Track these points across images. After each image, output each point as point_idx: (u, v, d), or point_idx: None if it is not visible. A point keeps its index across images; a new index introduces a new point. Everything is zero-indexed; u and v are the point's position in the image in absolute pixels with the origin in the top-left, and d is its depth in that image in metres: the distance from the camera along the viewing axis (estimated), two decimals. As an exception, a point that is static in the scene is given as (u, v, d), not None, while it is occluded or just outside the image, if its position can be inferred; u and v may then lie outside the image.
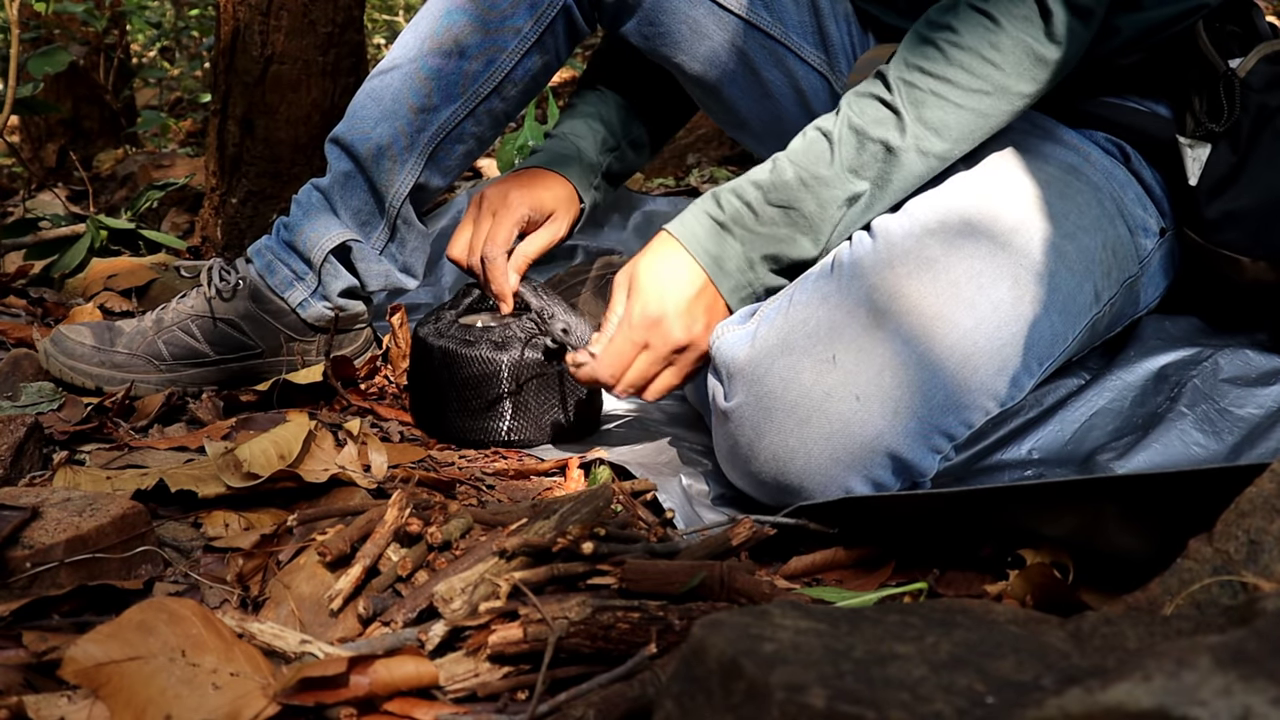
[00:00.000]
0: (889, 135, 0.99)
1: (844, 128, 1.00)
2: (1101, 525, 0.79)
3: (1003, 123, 1.01)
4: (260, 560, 0.86)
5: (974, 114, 0.99)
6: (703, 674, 0.45)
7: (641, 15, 1.25)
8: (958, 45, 0.98)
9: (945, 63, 0.98)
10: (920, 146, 0.99)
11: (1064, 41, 0.97)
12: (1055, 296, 0.99)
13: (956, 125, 0.99)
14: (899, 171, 1.00)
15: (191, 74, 5.07)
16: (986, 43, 0.97)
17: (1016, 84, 0.98)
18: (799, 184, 1.00)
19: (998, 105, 0.99)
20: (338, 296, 1.36)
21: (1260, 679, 0.34)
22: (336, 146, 1.34)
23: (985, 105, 0.98)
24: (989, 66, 0.97)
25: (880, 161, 1.00)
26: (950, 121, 0.99)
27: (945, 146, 1.00)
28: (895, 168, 1.00)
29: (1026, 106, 1.01)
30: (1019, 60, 0.97)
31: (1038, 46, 0.97)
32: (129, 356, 1.32)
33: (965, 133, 1.00)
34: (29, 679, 0.67)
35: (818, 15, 1.24)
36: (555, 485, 1.09)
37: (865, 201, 1.01)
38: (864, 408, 0.94)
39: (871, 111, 0.99)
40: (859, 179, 1.00)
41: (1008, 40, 0.97)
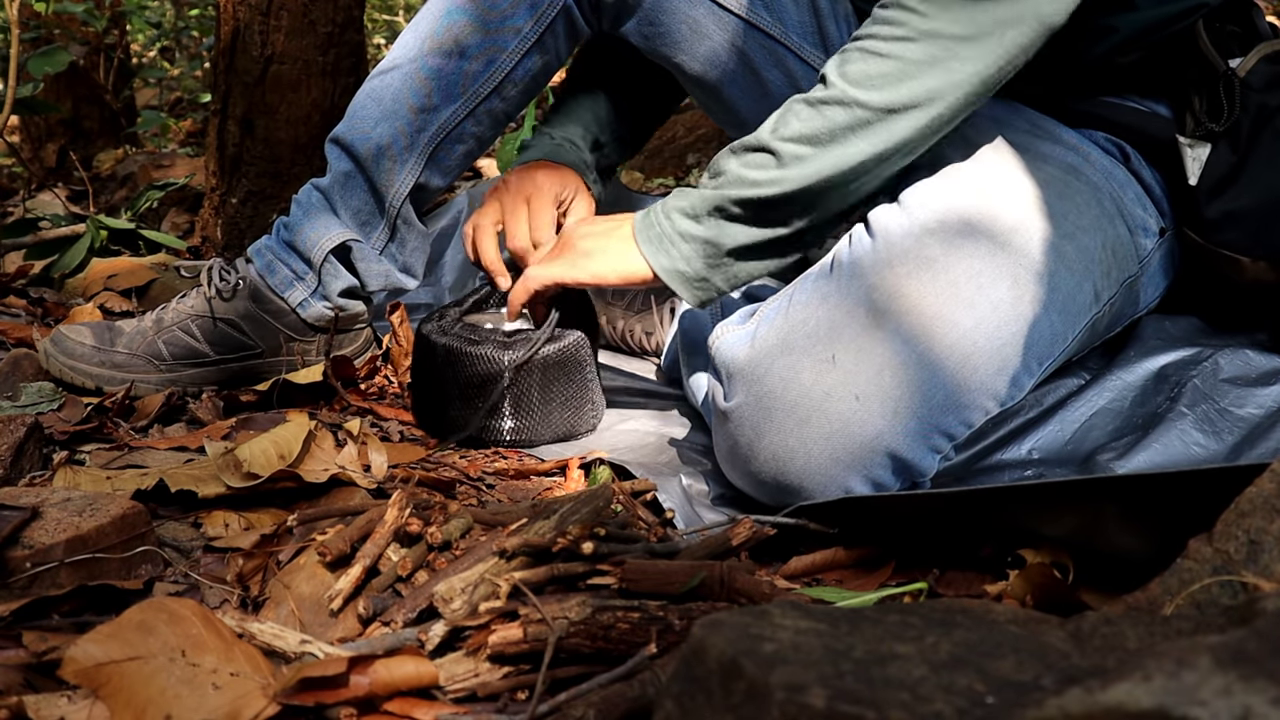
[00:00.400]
0: (813, 93, 0.98)
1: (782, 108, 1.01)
2: (1101, 525, 0.79)
3: (951, 74, 0.94)
4: (260, 560, 0.86)
5: (898, 61, 0.95)
6: (703, 674, 0.45)
7: (641, 15, 1.25)
8: (884, 4, 0.97)
9: (871, 22, 0.97)
10: (840, 97, 0.96)
11: None
12: (1055, 296, 0.99)
13: (878, 74, 0.95)
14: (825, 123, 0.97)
15: (191, 74, 5.06)
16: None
17: (948, 26, 0.94)
18: (727, 152, 1.03)
19: (930, 50, 0.94)
20: (338, 296, 1.36)
21: (1260, 679, 0.34)
22: (336, 146, 1.34)
23: (910, 52, 0.94)
24: (909, 14, 0.94)
25: (804, 119, 0.98)
26: (871, 71, 0.95)
27: (871, 95, 0.95)
28: (820, 120, 0.97)
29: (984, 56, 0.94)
30: (943, 3, 0.93)
31: None
32: (129, 356, 1.32)
33: (891, 80, 0.95)
34: (29, 679, 0.67)
35: (817, 15, 1.24)
36: (555, 485, 1.09)
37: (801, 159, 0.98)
38: (863, 407, 0.94)
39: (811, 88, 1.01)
40: (777, 137, 0.99)
41: None
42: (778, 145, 0.99)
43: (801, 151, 0.98)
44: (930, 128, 0.97)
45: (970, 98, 0.97)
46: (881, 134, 0.96)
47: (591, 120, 1.40)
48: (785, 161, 0.99)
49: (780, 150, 0.99)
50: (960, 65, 0.95)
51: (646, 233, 1.06)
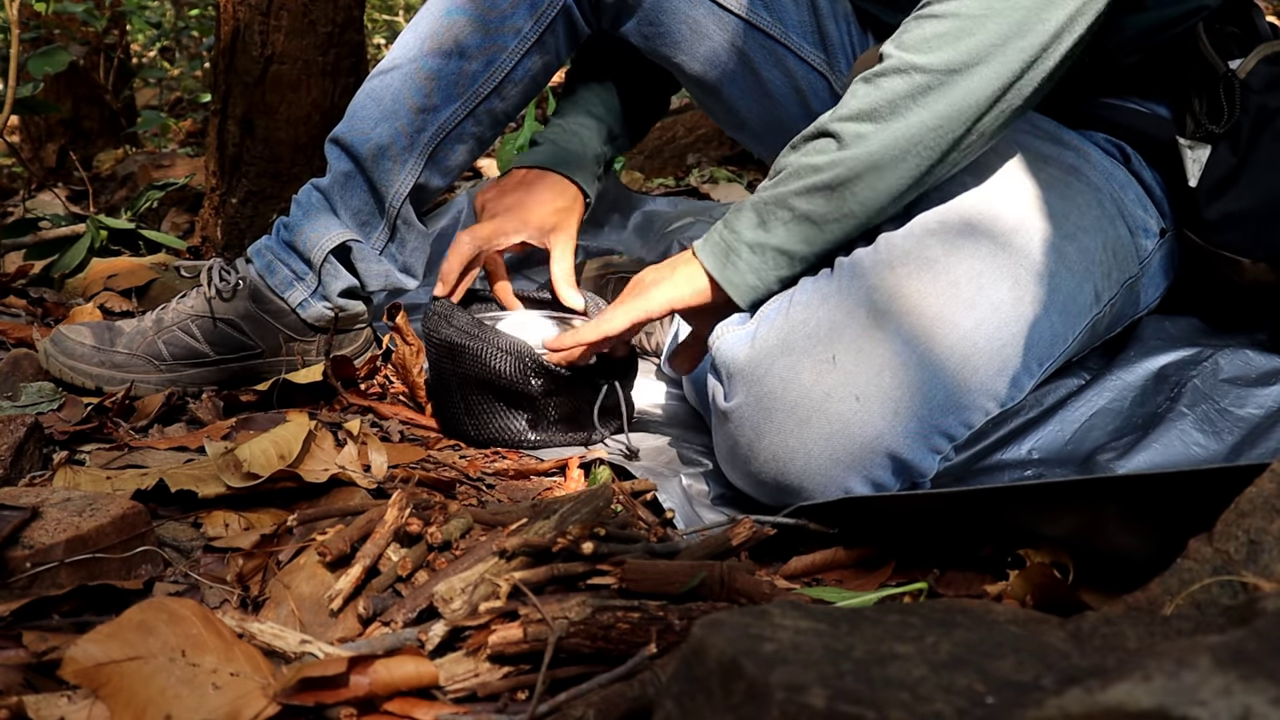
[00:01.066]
0: (869, 73, 0.96)
1: None
2: (1101, 525, 0.79)
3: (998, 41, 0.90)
4: (260, 560, 0.86)
5: (955, 19, 0.91)
6: (703, 674, 0.45)
7: (642, 15, 1.25)
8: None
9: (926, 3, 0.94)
10: (897, 65, 0.93)
11: None
12: (1055, 297, 0.99)
13: (934, 34, 0.92)
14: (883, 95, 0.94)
15: (191, 74, 5.07)
16: None
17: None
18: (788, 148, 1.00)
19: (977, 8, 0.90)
20: (338, 297, 1.36)
21: (1260, 679, 0.34)
22: (336, 146, 1.34)
23: (968, 6, 0.91)
24: None
25: (860, 96, 0.95)
26: (926, 33, 0.92)
27: (925, 59, 0.91)
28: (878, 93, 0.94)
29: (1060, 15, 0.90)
30: None
31: None
32: (129, 356, 1.32)
33: (947, 39, 0.91)
34: (29, 679, 0.67)
35: (817, 15, 1.24)
36: (555, 485, 1.09)
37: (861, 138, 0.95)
38: (864, 408, 0.94)
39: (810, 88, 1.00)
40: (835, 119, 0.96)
41: None
42: (836, 127, 0.95)
43: (862, 129, 0.94)
44: (998, 89, 0.92)
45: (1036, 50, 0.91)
46: (945, 98, 0.92)
47: (604, 110, 1.40)
48: (846, 142, 0.95)
49: (840, 131, 0.95)
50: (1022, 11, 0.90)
51: (708, 249, 1.03)
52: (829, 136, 0.96)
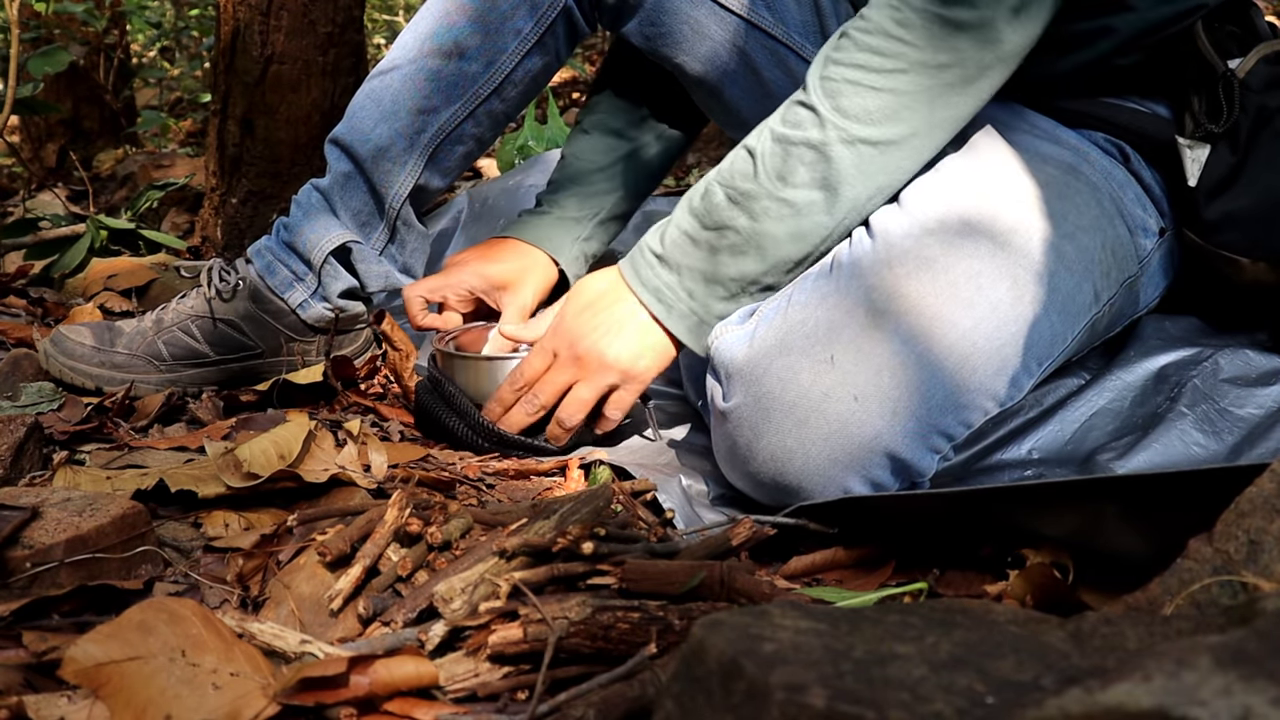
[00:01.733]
0: (809, 134, 0.97)
1: (766, 140, 1.00)
2: (1101, 525, 0.79)
3: (944, 98, 0.95)
4: (260, 560, 0.86)
5: (895, 95, 0.95)
6: (703, 674, 0.45)
7: (643, 16, 1.25)
8: (865, 30, 0.96)
9: (855, 49, 0.96)
10: (844, 137, 0.96)
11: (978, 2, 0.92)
12: (1054, 297, 0.99)
13: (878, 108, 0.95)
14: (837, 168, 0.97)
15: (191, 74, 5.07)
16: (892, 20, 0.94)
17: (934, 56, 0.94)
18: (728, 203, 1.00)
19: (921, 81, 0.94)
20: (338, 297, 1.36)
21: (1260, 679, 0.34)
22: (336, 147, 1.34)
23: (905, 84, 0.94)
24: (898, 44, 0.94)
25: (810, 164, 0.97)
26: (870, 105, 0.95)
27: (874, 131, 0.95)
28: (831, 166, 0.97)
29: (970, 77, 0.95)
30: (930, 32, 0.93)
31: (946, 11, 0.92)
32: (129, 357, 1.32)
33: (891, 114, 0.95)
34: (29, 679, 0.67)
35: (819, 14, 1.24)
36: (555, 485, 1.09)
37: (819, 206, 0.99)
38: (862, 408, 0.94)
39: (791, 116, 0.99)
40: (790, 186, 0.98)
41: (913, 14, 0.93)
42: (790, 195, 0.98)
43: (815, 197, 0.98)
44: (932, 150, 0.99)
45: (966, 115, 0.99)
46: (890, 163, 0.98)
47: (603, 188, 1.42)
48: (802, 210, 0.99)
49: (794, 200, 0.99)
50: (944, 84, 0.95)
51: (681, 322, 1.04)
52: (786, 204, 0.99)
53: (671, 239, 1.04)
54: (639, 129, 1.44)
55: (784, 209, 0.99)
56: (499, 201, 1.88)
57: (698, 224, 1.02)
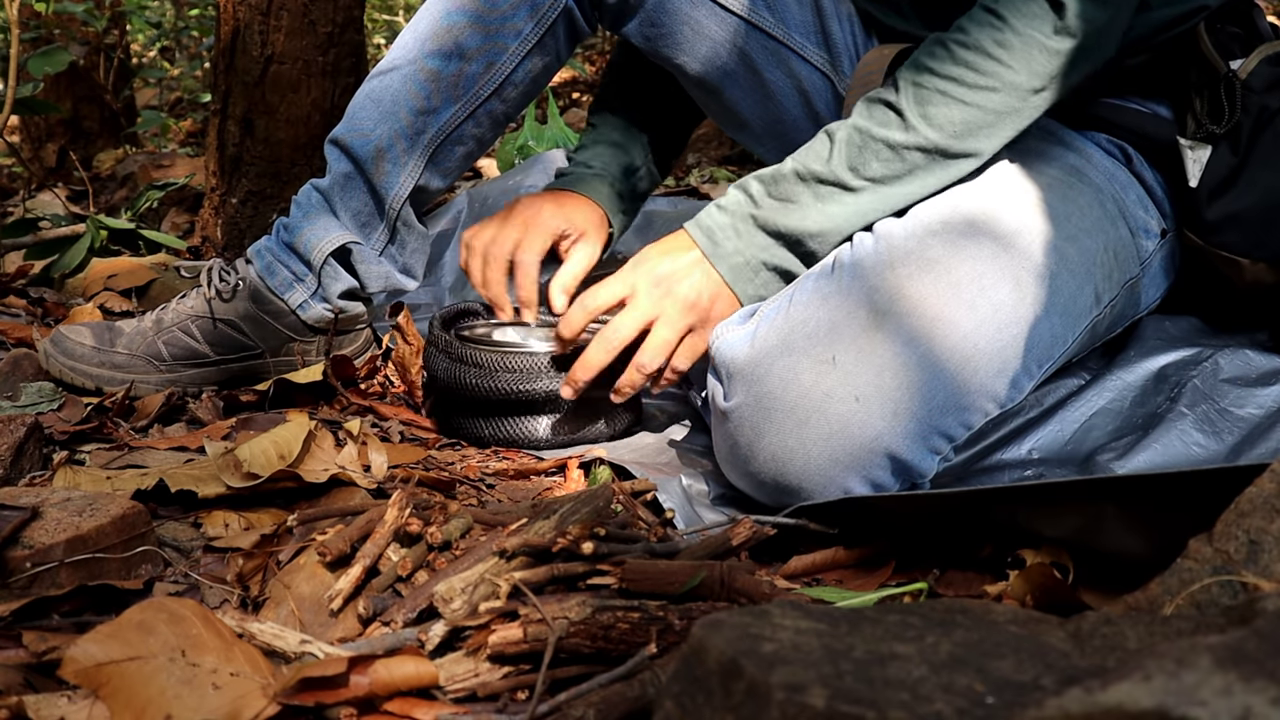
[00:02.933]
0: (891, 134, 1.00)
1: (849, 128, 1.02)
2: (1101, 525, 0.79)
3: (1026, 117, 1.01)
4: (260, 560, 0.86)
5: (981, 110, 0.99)
6: (703, 674, 0.45)
7: (643, 16, 1.25)
8: (964, 45, 0.99)
9: (952, 62, 0.99)
10: (923, 143, 1.00)
11: (1079, 33, 0.97)
12: (1056, 298, 0.99)
13: (963, 121, 0.99)
14: (905, 167, 1.01)
15: (191, 74, 5.07)
16: (993, 40, 0.98)
17: (1027, 80, 0.98)
18: (795, 178, 1.03)
19: (1009, 101, 0.99)
20: (338, 298, 1.36)
21: (1260, 679, 0.34)
22: (336, 148, 1.34)
23: (994, 102, 0.98)
24: (995, 63, 0.98)
25: (884, 160, 1.01)
26: (956, 118, 0.99)
27: (953, 143, 1.00)
28: (901, 164, 1.01)
29: (1053, 98, 1.01)
30: (1028, 55, 0.97)
31: (1048, 41, 0.97)
32: (129, 357, 1.32)
33: (973, 128, 0.99)
34: (29, 679, 0.67)
35: (820, 15, 1.24)
36: (555, 485, 1.09)
37: (876, 198, 1.02)
38: (863, 408, 0.94)
39: (879, 114, 1.02)
40: (858, 177, 1.01)
41: (1014, 37, 0.97)
42: (858, 184, 1.02)
43: (879, 189, 1.02)
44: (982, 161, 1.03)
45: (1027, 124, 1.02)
46: (950, 172, 1.02)
47: (622, 146, 1.40)
48: (861, 194, 1.02)
49: (859, 188, 1.02)
50: (1029, 114, 1.01)
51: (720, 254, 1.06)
52: (846, 189, 1.02)
53: (734, 196, 1.07)
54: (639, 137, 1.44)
55: (845, 194, 1.02)
56: (499, 201, 1.88)
57: (763, 188, 1.05)
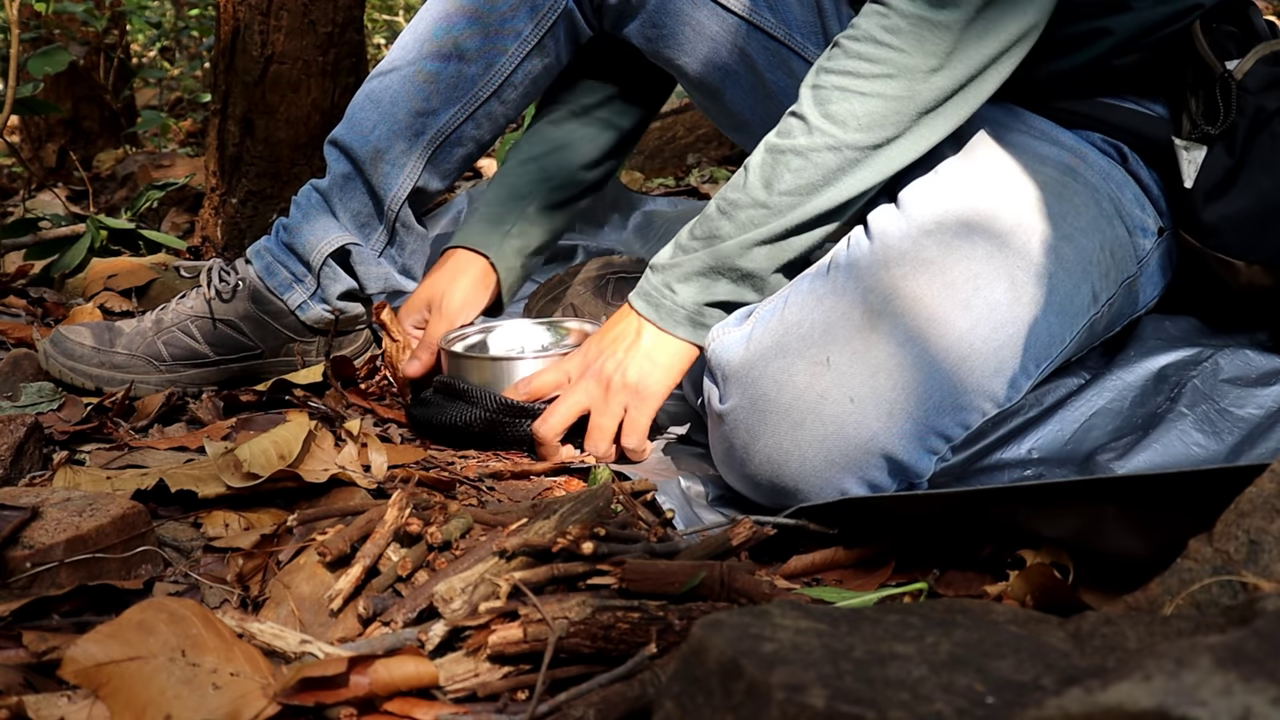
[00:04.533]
0: (797, 141, 1.00)
1: (759, 151, 1.03)
2: (1101, 525, 0.79)
3: (930, 100, 0.97)
4: (260, 560, 0.86)
5: (882, 99, 0.97)
6: (703, 674, 0.45)
7: (644, 17, 1.25)
8: (855, 38, 0.99)
9: (845, 57, 0.99)
10: (831, 143, 0.98)
11: (961, 3, 0.94)
12: (1053, 298, 0.99)
13: (865, 114, 0.97)
14: (819, 172, 0.99)
15: (191, 74, 5.07)
16: (879, 27, 0.97)
17: (922, 60, 0.96)
18: (718, 213, 1.04)
19: (909, 85, 0.96)
20: (337, 299, 1.36)
21: (1260, 679, 0.34)
22: (335, 148, 1.34)
23: (893, 88, 0.97)
24: (886, 49, 0.96)
25: (796, 170, 1.00)
26: (858, 111, 0.97)
27: (860, 136, 0.98)
28: (814, 170, 0.99)
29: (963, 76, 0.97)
30: (918, 36, 0.95)
31: (934, 15, 0.95)
32: (129, 357, 1.32)
33: (879, 119, 0.97)
34: (29, 679, 0.67)
35: (821, 15, 1.24)
36: (555, 485, 1.09)
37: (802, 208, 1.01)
38: (859, 409, 0.94)
39: (783, 126, 1.02)
40: (772, 192, 1.01)
41: (901, 20, 0.96)
42: (774, 201, 1.01)
43: (797, 201, 1.01)
44: (919, 153, 1.01)
45: (954, 122, 1.00)
46: (873, 169, 1.00)
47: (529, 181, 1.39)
48: (781, 211, 1.01)
49: (775, 205, 1.01)
50: (938, 93, 0.97)
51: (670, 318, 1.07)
52: (763, 208, 1.02)
53: (666, 252, 1.09)
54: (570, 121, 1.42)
55: (762, 212, 1.02)
56: (499, 202, 1.88)
57: (689, 235, 1.06)
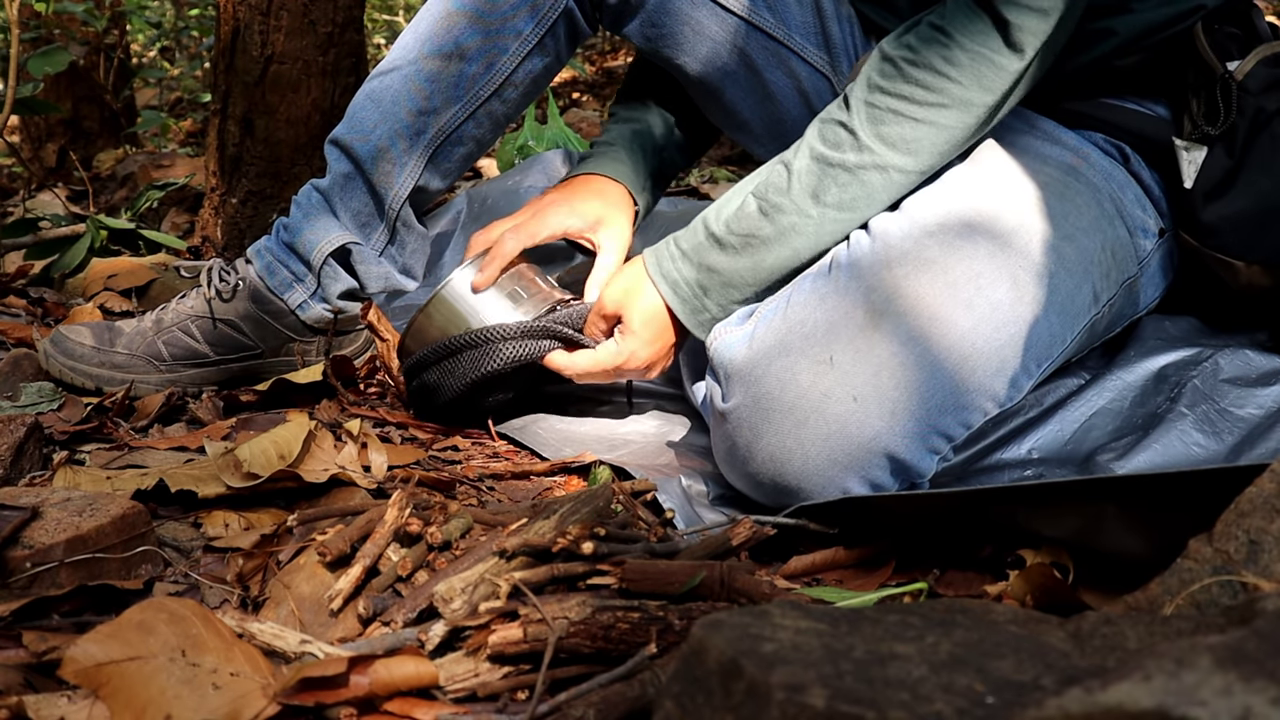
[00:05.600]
0: (847, 156, 1.00)
1: (805, 157, 1.03)
2: (1101, 525, 0.79)
3: (974, 131, 1.01)
4: (260, 560, 0.86)
5: (934, 127, 0.99)
6: (703, 674, 0.45)
7: (644, 17, 1.25)
8: (914, 63, 0.98)
9: (902, 80, 0.99)
10: (879, 163, 1.00)
11: (1025, 47, 0.96)
12: (1054, 298, 0.99)
13: (915, 139, 0.99)
14: (864, 190, 1.01)
15: (191, 74, 5.07)
16: (941, 58, 0.97)
17: (978, 95, 0.98)
18: (759, 214, 1.04)
19: (961, 118, 0.99)
20: (337, 298, 1.36)
21: (1260, 679, 0.34)
22: (336, 148, 1.34)
23: (946, 118, 0.98)
24: (945, 80, 0.97)
25: (843, 185, 1.01)
26: (909, 136, 0.99)
27: (908, 161, 1.00)
28: (859, 187, 1.01)
29: (1000, 112, 1.01)
30: (976, 72, 0.97)
31: (996, 57, 0.97)
32: (129, 357, 1.32)
33: (928, 146, 1.00)
34: (29, 679, 0.67)
35: (821, 16, 1.24)
36: (555, 485, 1.09)
37: (839, 221, 1.02)
38: (861, 409, 0.94)
39: (831, 136, 1.02)
40: (819, 204, 1.02)
41: (962, 54, 0.97)
42: (817, 212, 1.02)
43: (839, 215, 1.02)
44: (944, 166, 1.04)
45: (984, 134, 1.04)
46: (909, 187, 1.03)
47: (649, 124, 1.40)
48: (821, 223, 1.03)
49: (819, 216, 1.02)
50: (980, 125, 1.01)
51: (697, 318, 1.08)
52: (810, 218, 1.03)
53: (697, 239, 1.07)
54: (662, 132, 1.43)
55: (808, 223, 1.02)
56: (499, 201, 1.88)
57: (726, 229, 1.05)
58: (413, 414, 1.27)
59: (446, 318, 1.20)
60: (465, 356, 1.16)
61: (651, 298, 1.10)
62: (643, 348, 1.12)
